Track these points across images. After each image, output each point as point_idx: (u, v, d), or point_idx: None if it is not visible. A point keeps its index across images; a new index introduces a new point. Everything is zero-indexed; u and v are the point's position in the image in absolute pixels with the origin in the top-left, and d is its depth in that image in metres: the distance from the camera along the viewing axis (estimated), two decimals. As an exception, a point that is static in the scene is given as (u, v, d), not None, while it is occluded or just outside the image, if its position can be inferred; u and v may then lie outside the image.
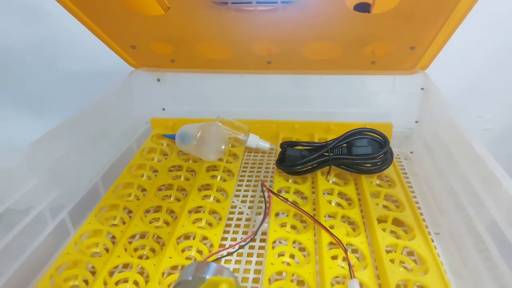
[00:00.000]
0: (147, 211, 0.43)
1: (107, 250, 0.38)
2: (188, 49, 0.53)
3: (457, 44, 0.51)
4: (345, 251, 0.35)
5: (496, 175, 0.31)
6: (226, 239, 0.41)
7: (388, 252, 0.36)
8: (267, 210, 0.41)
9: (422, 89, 0.53)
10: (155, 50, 0.55)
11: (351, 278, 0.33)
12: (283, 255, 0.37)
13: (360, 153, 0.46)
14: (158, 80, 0.59)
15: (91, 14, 0.47)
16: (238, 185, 0.50)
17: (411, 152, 0.56)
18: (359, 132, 0.47)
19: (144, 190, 0.48)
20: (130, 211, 0.44)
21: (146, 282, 0.34)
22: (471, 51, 0.70)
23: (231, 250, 0.38)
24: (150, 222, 0.42)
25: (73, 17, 0.47)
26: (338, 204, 0.44)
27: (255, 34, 0.49)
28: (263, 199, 0.45)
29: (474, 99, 0.75)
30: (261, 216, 0.41)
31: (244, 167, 0.54)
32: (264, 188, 0.44)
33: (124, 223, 0.42)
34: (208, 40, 0.51)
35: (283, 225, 0.41)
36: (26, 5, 0.70)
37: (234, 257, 0.38)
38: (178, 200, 0.46)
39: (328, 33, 0.47)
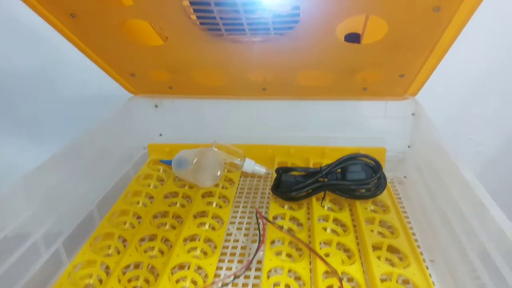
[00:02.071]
0: (142, 240, 0.43)
1: (100, 281, 0.38)
2: (186, 76, 0.54)
3: (448, 68, 0.52)
4: (340, 281, 0.35)
5: (484, 203, 0.32)
6: (221, 268, 0.41)
7: (383, 280, 0.36)
8: (261, 238, 0.41)
9: (413, 114, 0.54)
10: (153, 77, 0.56)
11: (346, 308, 0.33)
12: (278, 285, 0.37)
13: (354, 178, 0.47)
14: (156, 106, 0.60)
15: (92, 44, 0.48)
16: (234, 212, 0.50)
17: (405, 177, 0.57)
18: (353, 158, 0.48)
19: (139, 217, 0.48)
20: (125, 240, 0.44)
21: (140, 314, 0.34)
22: (462, 74, 0.72)
23: (226, 280, 0.38)
24: (145, 252, 0.42)
25: (74, 46, 0.48)
26: (333, 231, 0.45)
27: (250, 63, 0.50)
28: (258, 227, 0.45)
29: (466, 122, 0.76)
30: (257, 244, 0.41)
31: (240, 193, 0.55)
32: (259, 217, 0.44)
33: (118, 252, 0.42)
34: (205, 68, 0.52)
35: (278, 253, 0.41)
36: (28, 31, 0.72)
37: None
38: (174, 228, 0.46)
39: (321, 62, 0.49)
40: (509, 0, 0.65)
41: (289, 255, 0.41)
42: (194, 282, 0.38)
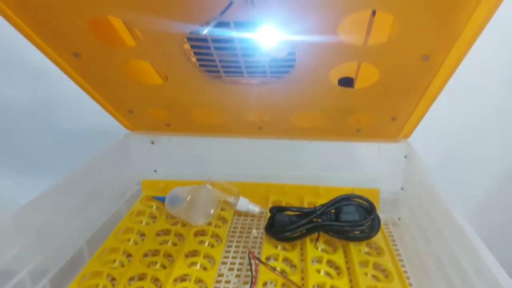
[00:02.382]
0: (131, 279, 0.42)
1: (86, 322, 0.37)
2: (183, 114, 0.56)
3: (441, 111, 0.54)
4: (333, 326, 0.34)
5: (477, 248, 0.32)
6: (211, 310, 0.39)
7: (377, 327, 0.35)
8: (254, 280, 0.40)
9: (405, 157, 0.55)
10: (151, 114, 0.57)
11: None
12: (269, 329, 0.36)
13: (347, 220, 0.47)
14: (152, 142, 0.61)
15: (93, 82, 0.49)
16: (226, 251, 0.49)
17: (399, 218, 0.56)
18: (347, 199, 0.48)
19: (130, 255, 0.47)
20: (113, 279, 0.43)
21: None
22: (454, 117, 0.74)
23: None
24: (134, 292, 0.41)
25: (75, 83, 0.49)
26: (327, 273, 0.44)
27: (247, 103, 0.52)
28: (251, 268, 0.45)
29: (460, 164, 0.77)
30: (249, 286, 0.40)
31: (233, 232, 0.54)
32: (251, 257, 0.43)
33: (107, 292, 0.41)
34: (203, 107, 0.54)
35: (270, 296, 0.40)
36: (24, 65, 0.73)
37: (219, 331, 0.37)
38: (164, 267, 0.45)
39: (315, 104, 0.50)
40: (500, 45, 0.67)
41: (281, 298, 0.40)
42: (183, 326, 0.36)
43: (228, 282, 0.44)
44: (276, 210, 0.50)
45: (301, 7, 0.34)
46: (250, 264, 0.43)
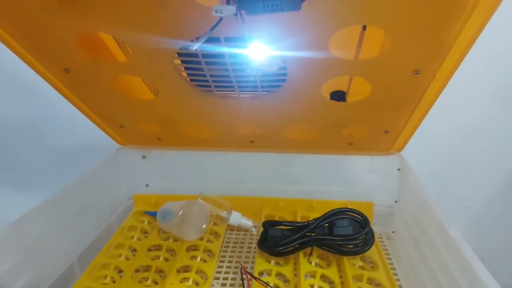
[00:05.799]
0: (122, 297, 0.42)
1: None
2: (175, 128, 0.55)
3: (434, 123, 0.54)
4: None
5: (470, 263, 0.32)
6: (203, 329, 0.39)
7: None
8: (246, 297, 0.40)
9: (398, 169, 0.55)
10: (142, 129, 0.56)
11: None
12: None
13: (341, 234, 0.46)
14: (144, 157, 0.60)
15: (84, 97, 0.49)
16: (219, 267, 0.49)
17: (393, 232, 0.56)
18: (340, 212, 0.48)
19: (121, 271, 0.46)
20: (103, 297, 0.42)
21: None
22: (448, 129, 0.74)
23: None
24: (124, 310, 0.40)
25: (65, 98, 0.49)
26: (321, 289, 0.43)
27: (239, 117, 0.51)
28: (243, 284, 0.44)
29: (454, 177, 0.77)
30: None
31: (225, 246, 0.53)
32: (243, 274, 0.42)
33: (96, 311, 0.40)
34: (194, 121, 0.54)
35: (263, 314, 0.39)
36: (15, 80, 0.73)
37: None
38: (156, 283, 0.44)
39: (307, 118, 0.50)
40: (492, 55, 0.68)
41: (274, 316, 0.39)
42: None
43: (220, 299, 0.43)
44: (269, 225, 0.50)
45: (292, 23, 0.34)
46: (242, 279, 0.42)
